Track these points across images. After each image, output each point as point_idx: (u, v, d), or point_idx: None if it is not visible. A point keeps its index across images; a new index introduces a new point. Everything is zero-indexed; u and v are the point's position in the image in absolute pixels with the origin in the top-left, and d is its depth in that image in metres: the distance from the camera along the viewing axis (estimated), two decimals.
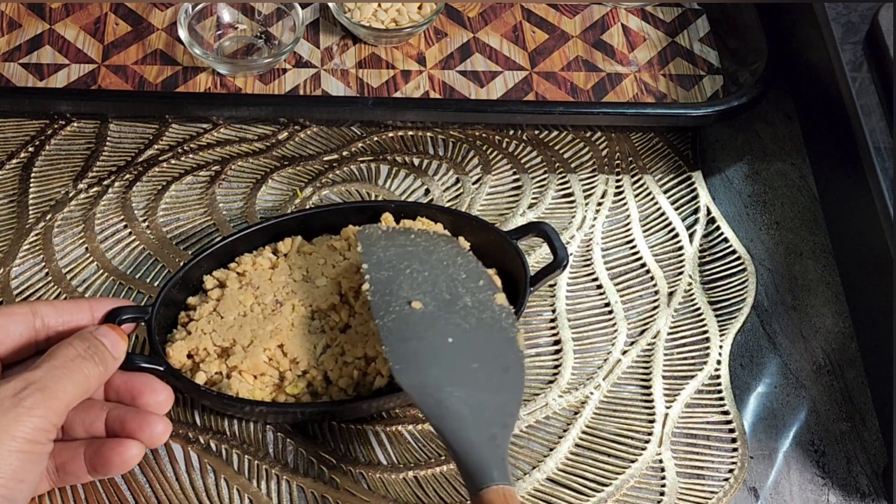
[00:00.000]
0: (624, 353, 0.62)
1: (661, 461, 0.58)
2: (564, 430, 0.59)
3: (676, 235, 0.68)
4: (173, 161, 0.69)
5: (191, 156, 0.69)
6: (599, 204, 0.69)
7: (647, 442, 0.58)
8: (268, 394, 0.55)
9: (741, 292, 0.65)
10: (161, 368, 0.53)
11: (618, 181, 0.70)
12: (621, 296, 0.65)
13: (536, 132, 0.73)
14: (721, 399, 0.60)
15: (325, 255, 0.60)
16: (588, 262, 0.66)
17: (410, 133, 0.72)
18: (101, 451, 0.50)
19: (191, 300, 0.58)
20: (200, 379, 0.55)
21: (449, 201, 0.68)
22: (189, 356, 0.56)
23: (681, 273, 0.66)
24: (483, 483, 0.46)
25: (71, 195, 0.67)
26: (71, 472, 0.50)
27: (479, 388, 0.49)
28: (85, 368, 0.48)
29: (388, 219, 0.61)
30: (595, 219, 0.68)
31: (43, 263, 0.63)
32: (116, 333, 0.51)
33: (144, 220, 0.66)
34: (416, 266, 0.54)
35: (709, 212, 0.69)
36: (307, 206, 0.66)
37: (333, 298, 0.57)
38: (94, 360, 0.48)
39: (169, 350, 0.55)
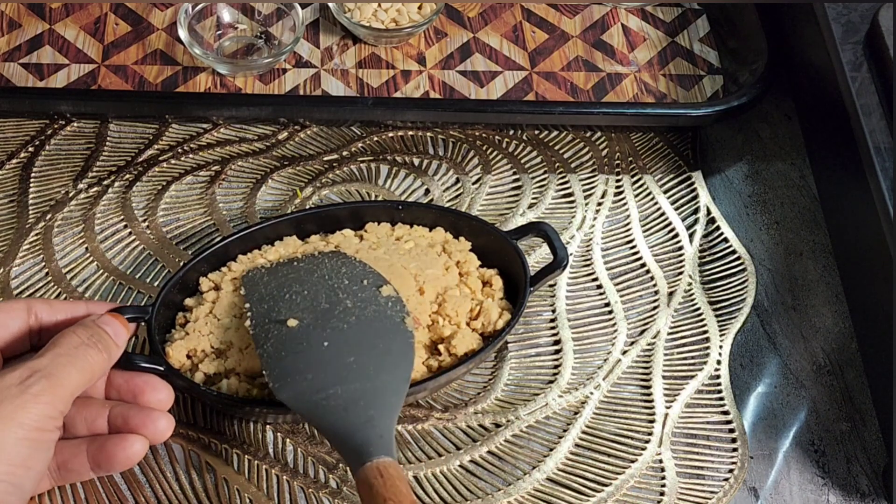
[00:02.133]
0: (624, 353, 0.62)
1: (661, 461, 0.58)
2: (564, 430, 0.59)
3: (676, 235, 0.68)
4: (173, 161, 0.69)
5: (191, 156, 0.69)
6: (599, 204, 0.69)
7: (647, 442, 0.58)
8: (266, 394, 0.55)
9: (741, 292, 0.65)
10: (161, 368, 0.53)
11: (618, 181, 0.70)
12: (621, 296, 0.65)
13: (536, 132, 0.73)
14: (721, 399, 0.60)
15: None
16: (588, 262, 0.66)
17: (410, 133, 0.72)
18: (105, 447, 0.50)
19: (188, 301, 0.58)
20: (199, 379, 0.55)
21: (449, 201, 0.68)
22: (188, 356, 0.56)
23: (681, 273, 0.66)
24: (359, 464, 0.47)
25: (71, 195, 0.67)
26: (73, 469, 0.50)
27: (354, 379, 0.51)
28: (89, 356, 0.48)
29: (372, 227, 0.62)
30: (595, 219, 0.68)
31: (43, 263, 0.63)
32: (119, 322, 0.51)
33: (144, 220, 0.66)
34: (296, 288, 0.56)
35: (709, 212, 0.69)
36: (306, 207, 0.66)
37: None
38: (98, 347, 0.49)
39: (168, 350, 0.55)
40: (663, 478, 0.57)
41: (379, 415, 0.50)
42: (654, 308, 0.64)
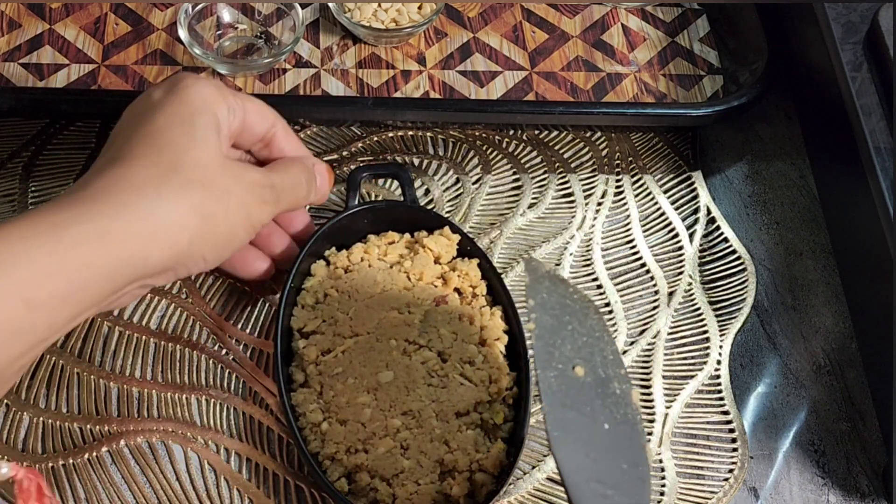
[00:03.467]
0: (624, 352, 0.62)
1: (661, 461, 0.58)
2: None
3: (676, 235, 0.68)
4: None
5: None
6: (599, 204, 0.69)
7: (647, 442, 0.58)
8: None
9: (741, 292, 0.65)
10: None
11: (618, 181, 0.70)
12: (621, 296, 0.65)
13: (536, 132, 0.73)
14: (721, 399, 0.60)
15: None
16: (588, 262, 0.66)
17: (410, 133, 0.72)
18: (246, 255, 0.57)
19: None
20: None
21: (449, 201, 0.68)
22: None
23: (681, 273, 0.66)
24: None
25: None
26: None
27: (625, 493, 0.43)
28: (302, 191, 0.54)
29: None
30: (595, 219, 0.68)
31: None
32: (329, 175, 0.57)
33: None
34: (577, 326, 0.46)
35: (709, 212, 0.69)
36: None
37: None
38: (310, 187, 0.55)
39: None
40: (663, 478, 0.57)
41: None
42: (654, 308, 0.64)
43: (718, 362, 0.62)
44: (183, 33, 0.70)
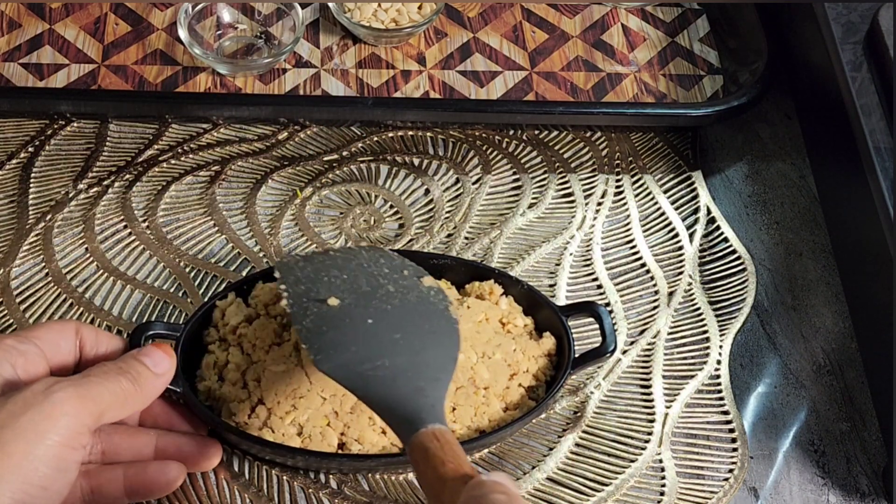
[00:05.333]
0: (624, 352, 0.62)
1: (661, 461, 0.58)
2: (564, 430, 0.59)
3: (676, 235, 0.68)
4: (173, 161, 0.69)
5: (191, 156, 0.69)
6: (599, 204, 0.69)
7: (646, 442, 0.58)
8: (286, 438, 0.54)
9: (741, 292, 0.65)
10: (178, 390, 0.52)
11: (618, 181, 0.70)
12: (621, 296, 0.65)
13: (536, 132, 0.73)
14: (721, 399, 0.60)
15: None
16: (588, 262, 0.66)
17: (410, 133, 0.72)
18: (146, 472, 0.50)
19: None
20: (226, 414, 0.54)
21: (449, 201, 0.68)
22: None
23: (681, 273, 0.66)
24: (412, 431, 0.46)
25: (71, 195, 0.67)
26: (107, 494, 0.49)
27: (401, 353, 0.50)
28: (121, 381, 0.47)
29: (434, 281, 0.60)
30: (595, 219, 0.68)
31: (43, 264, 0.63)
32: (162, 352, 0.50)
33: (144, 220, 0.66)
34: (335, 273, 0.55)
35: (709, 212, 0.69)
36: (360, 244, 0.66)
37: None
38: (129, 376, 0.47)
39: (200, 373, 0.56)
40: (663, 478, 0.57)
41: (429, 386, 0.49)
42: (654, 308, 0.64)
43: (718, 362, 0.62)
44: (183, 33, 0.70)
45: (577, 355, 0.57)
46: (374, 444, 0.53)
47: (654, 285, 0.65)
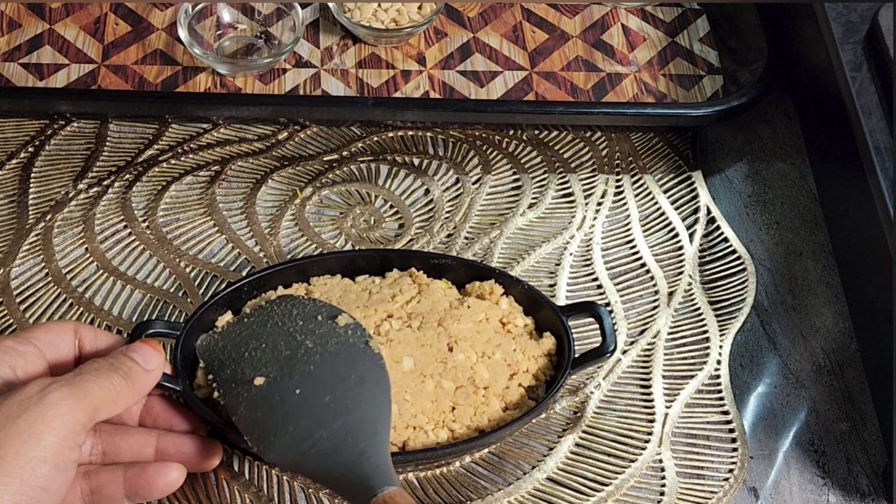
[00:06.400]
0: (624, 352, 0.62)
1: (660, 461, 0.58)
2: (564, 430, 0.59)
3: (676, 235, 0.68)
4: (173, 161, 0.69)
5: (191, 156, 0.69)
6: (599, 204, 0.69)
7: (646, 442, 0.58)
8: None
9: (741, 292, 0.65)
10: (178, 389, 0.52)
11: (618, 181, 0.70)
12: (621, 296, 0.65)
13: (536, 132, 0.73)
14: (721, 399, 0.60)
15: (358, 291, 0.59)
16: (588, 262, 0.66)
17: (410, 133, 0.72)
18: (145, 472, 0.49)
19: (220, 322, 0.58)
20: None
21: (449, 201, 0.68)
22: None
23: (681, 273, 0.66)
24: (365, 501, 0.46)
25: (71, 195, 0.67)
26: (107, 495, 0.49)
27: (336, 418, 0.50)
28: (112, 378, 0.47)
29: (413, 272, 0.60)
30: (595, 219, 0.68)
31: (43, 264, 0.63)
32: (151, 348, 0.50)
33: (144, 220, 0.66)
34: (254, 344, 0.54)
35: (709, 212, 0.69)
36: (355, 248, 0.65)
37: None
38: (121, 372, 0.48)
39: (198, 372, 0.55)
40: (663, 478, 0.57)
41: (370, 446, 0.49)
42: (654, 308, 0.64)
43: (718, 362, 0.62)
44: (183, 33, 0.70)
45: (577, 355, 0.57)
46: None
47: (654, 285, 0.65)
